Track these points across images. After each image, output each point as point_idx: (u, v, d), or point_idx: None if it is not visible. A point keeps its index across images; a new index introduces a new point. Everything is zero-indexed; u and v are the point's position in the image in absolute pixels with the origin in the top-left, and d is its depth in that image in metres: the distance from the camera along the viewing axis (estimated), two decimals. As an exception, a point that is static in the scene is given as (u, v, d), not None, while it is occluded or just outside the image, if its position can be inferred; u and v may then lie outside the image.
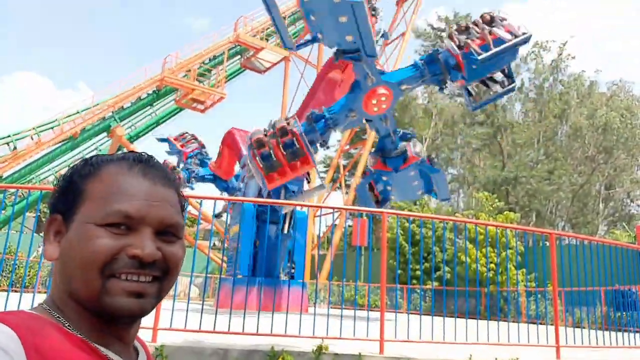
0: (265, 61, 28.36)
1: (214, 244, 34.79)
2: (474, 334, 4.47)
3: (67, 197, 0.84)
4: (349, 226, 33.19)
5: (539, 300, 14.31)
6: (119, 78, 33.02)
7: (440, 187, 12.55)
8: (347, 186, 35.24)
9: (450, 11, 57.33)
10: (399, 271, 21.25)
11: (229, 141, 17.02)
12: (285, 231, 13.32)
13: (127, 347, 0.85)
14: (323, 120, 10.93)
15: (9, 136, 23.38)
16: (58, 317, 0.78)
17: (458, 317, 6.37)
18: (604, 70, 69.91)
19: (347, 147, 33.58)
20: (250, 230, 12.80)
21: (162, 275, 0.82)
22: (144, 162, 0.87)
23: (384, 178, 12.16)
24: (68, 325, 0.77)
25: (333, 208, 9.86)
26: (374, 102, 10.67)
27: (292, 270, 13.42)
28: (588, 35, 69.13)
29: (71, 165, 0.88)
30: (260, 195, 12.51)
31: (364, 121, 11.72)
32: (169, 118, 27.36)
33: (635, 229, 20.82)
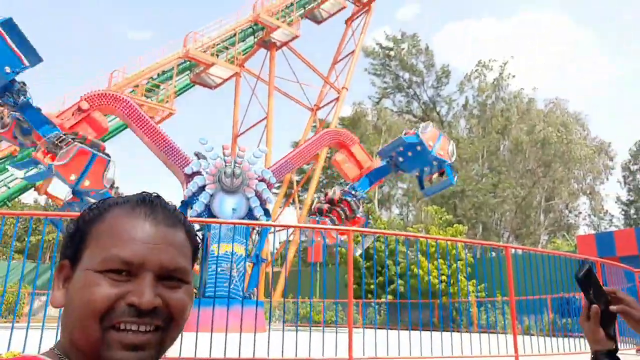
0: (215, 77, 28.09)
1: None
2: (435, 346, 4.53)
3: (73, 243, 0.82)
4: (303, 241, 33.12)
5: (489, 310, 14.74)
6: (62, 94, 31.70)
7: None
8: (301, 202, 35.18)
9: (396, 30, 59.08)
10: (354, 286, 21.29)
11: (112, 108, 14.40)
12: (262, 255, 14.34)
13: None
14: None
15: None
16: None
17: (414, 329, 6.41)
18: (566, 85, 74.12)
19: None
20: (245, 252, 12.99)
21: (164, 324, 0.77)
22: (148, 203, 0.84)
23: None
24: None
25: (296, 227, 9.80)
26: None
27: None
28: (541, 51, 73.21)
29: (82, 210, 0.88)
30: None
31: None
32: (116, 134, 26.48)
33: (576, 238, 21.97)
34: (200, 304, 4.88)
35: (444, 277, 18.24)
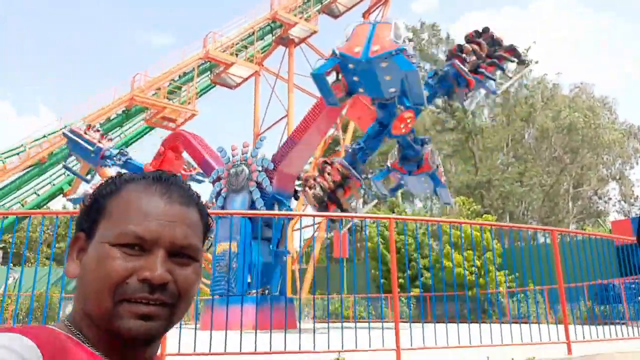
0: (235, 76, 28.23)
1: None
2: (482, 336, 4.41)
3: (89, 216, 0.85)
4: (328, 239, 33.04)
5: (522, 299, 14.47)
6: (85, 99, 32.30)
7: (443, 194, 14.36)
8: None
9: (416, 21, 58.36)
10: (383, 280, 21.13)
11: (178, 144, 16.45)
12: (283, 247, 13.53)
13: None
14: (361, 150, 12.81)
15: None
16: (78, 334, 0.78)
17: (449, 322, 6.27)
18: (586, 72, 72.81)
19: (321, 159, 33.60)
20: (247, 247, 12.64)
21: (172, 300, 0.80)
22: (164, 181, 0.86)
23: (397, 175, 13.72)
24: (87, 343, 0.78)
25: (342, 216, 9.65)
26: (402, 125, 12.02)
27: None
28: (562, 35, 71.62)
29: (99, 184, 0.90)
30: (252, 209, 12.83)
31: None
32: (139, 138, 26.84)
33: (610, 224, 21.41)
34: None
35: (473, 269, 17.99)
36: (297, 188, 14.50)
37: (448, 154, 46.24)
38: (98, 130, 17.82)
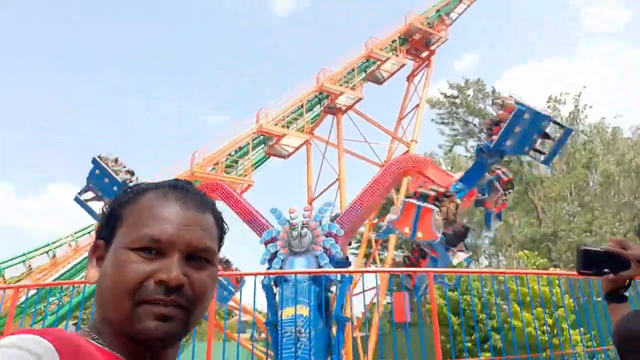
0: (288, 146, 29.35)
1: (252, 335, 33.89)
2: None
3: (108, 224, 0.88)
4: (388, 303, 32.16)
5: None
6: (150, 177, 34.30)
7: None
8: (381, 261, 34.61)
9: (460, 79, 58.89)
10: (447, 345, 20.08)
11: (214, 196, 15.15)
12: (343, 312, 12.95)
13: None
14: None
15: (47, 245, 24.15)
16: (97, 339, 0.80)
17: None
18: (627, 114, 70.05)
19: (376, 220, 33.48)
20: (316, 312, 12.09)
21: (188, 304, 0.81)
22: (180, 189, 0.90)
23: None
24: (106, 347, 0.79)
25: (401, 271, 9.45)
26: None
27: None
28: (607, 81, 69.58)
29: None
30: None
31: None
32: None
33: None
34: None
35: (545, 328, 16.90)
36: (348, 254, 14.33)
37: (508, 206, 44.70)
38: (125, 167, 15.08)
